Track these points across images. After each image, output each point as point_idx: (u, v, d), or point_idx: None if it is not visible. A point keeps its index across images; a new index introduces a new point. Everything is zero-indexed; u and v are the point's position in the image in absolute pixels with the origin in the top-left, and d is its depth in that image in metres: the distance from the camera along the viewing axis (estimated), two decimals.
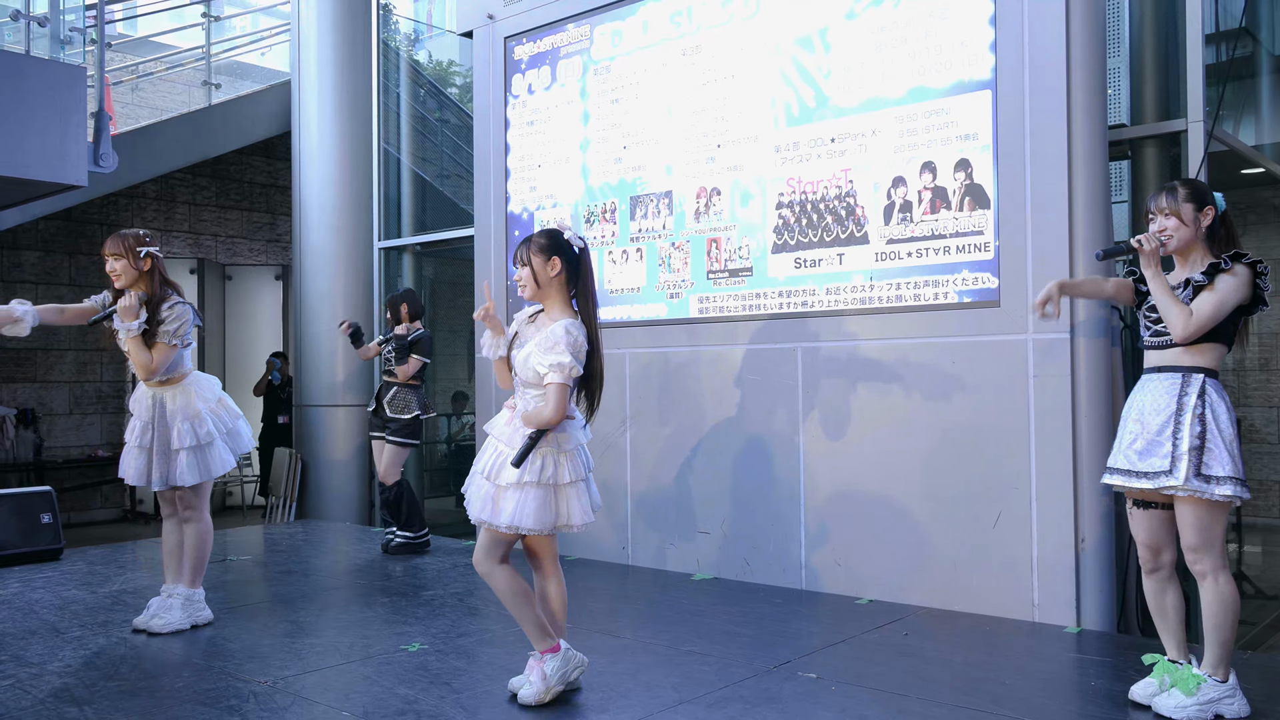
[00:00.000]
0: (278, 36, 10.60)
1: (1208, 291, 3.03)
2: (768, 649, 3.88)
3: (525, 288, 3.29)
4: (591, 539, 5.76)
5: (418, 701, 3.28)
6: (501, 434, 3.26)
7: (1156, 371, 3.13)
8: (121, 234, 4.13)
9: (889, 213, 4.75)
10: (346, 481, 8.11)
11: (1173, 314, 3.02)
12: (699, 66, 5.44)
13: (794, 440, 5.00)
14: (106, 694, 3.37)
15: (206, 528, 4.26)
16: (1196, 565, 3.04)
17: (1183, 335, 3.01)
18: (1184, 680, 3.05)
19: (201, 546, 4.25)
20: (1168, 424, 3.02)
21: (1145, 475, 3.05)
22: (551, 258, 3.26)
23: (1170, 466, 2.99)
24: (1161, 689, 3.13)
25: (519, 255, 3.30)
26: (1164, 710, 3.04)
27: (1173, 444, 3.00)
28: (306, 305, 8.22)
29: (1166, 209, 3.12)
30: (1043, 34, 4.29)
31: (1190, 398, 3.01)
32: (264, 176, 11.48)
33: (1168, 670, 3.14)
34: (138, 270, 4.09)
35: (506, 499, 3.18)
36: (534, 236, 3.32)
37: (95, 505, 10.17)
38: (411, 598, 4.81)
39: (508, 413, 3.31)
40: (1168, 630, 3.21)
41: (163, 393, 4.19)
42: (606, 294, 5.81)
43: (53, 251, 9.90)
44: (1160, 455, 3.02)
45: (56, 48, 6.15)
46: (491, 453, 3.26)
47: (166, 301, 4.12)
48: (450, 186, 8.60)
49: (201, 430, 4.13)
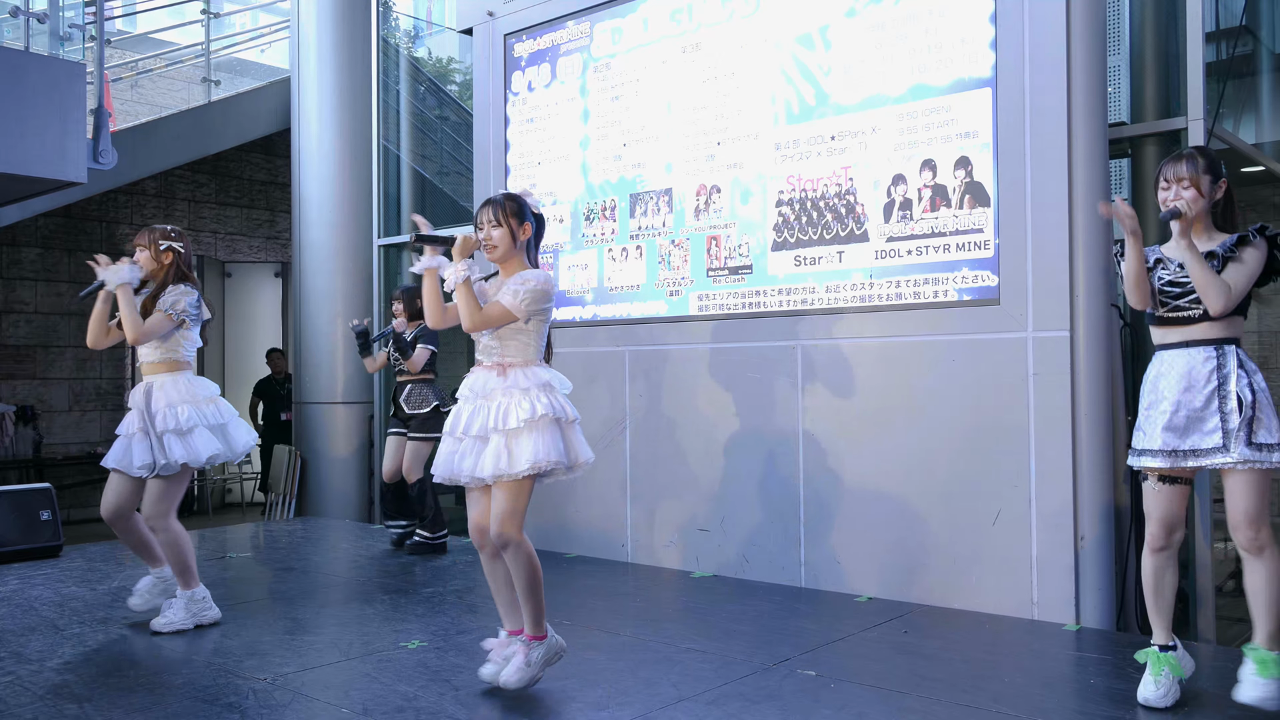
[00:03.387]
0: (277, 33, 10.60)
1: (1235, 264, 3.00)
2: (767, 646, 3.88)
3: (497, 249, 3.28)
4: (591, 537, 5.77)
5: (417, 698, 3.28)
6: (477, 390, 3.22)
7: (1184, 347, 3.05)
8: (151, 228, 4.32)
9: (889, 210, 4.74)
10: (346, 479, 8.11)
11: (1214, 286, 2.95)
12: (699, 64, 5.44)
13: (793, 437, 5.00)
14: (106, 691, 3.37)
15: (175, 534, 4.15)
16: (1256, 538, 2.96)
17: (1221, 308, 2.96)
18: (1265, 665, 2.95)
19: (178, 553, 4.15)
20: (1211, 398, 2.96)
21: (1193, 454, 2.99)
22: (524, 223, 3.31)
23: (1224, 442, 2.94)
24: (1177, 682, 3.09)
25: (490, 216, 3.28)
26: (1269, 705, 2.93)
27: (1221, 418, 2.94)
28: (306, 302, 8.22)
29: (1187, 178, 3.06)
30: (1043, 31, 4.29)
31: (1231, 370, 2.96)
32: (263, 173, 11.47)
33: (1167, 663, 3.11)
34: (159, 263, 4.24)
35: (521, 442, 3.12)
36: (504, 199, 3.31)
37: (94, 502, 10.12)
38: (411, 595, 4.81)
39: (481, 373, 3.25)
40: (1162, 609, 3.17)
41: (155, 379, 4.22)
42: (606, 291, 5.81)
43: (52, 248, 9.90)
44: (1207, 431, 2.96)
45: (56, 44, 6.14)
46: (472, 411, 3.20)
47: (173, 285, 4.21)
48: (450, 184, 8.60)
49: (182, 416, 4.13)
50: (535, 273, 3.27)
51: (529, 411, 3.13)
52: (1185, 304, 3.06)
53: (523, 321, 3.23)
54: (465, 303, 3.20)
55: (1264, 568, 2.99)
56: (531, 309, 3.21)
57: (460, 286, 3.20)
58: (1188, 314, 3.06)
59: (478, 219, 3.33)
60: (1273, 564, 2.99)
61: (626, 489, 5.66)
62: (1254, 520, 2.96)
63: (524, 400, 3.15)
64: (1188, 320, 3.06)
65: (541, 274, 3.27)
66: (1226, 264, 3.01)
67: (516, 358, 3.24)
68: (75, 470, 9.90)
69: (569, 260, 6.00)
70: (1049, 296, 4.26)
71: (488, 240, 3.28)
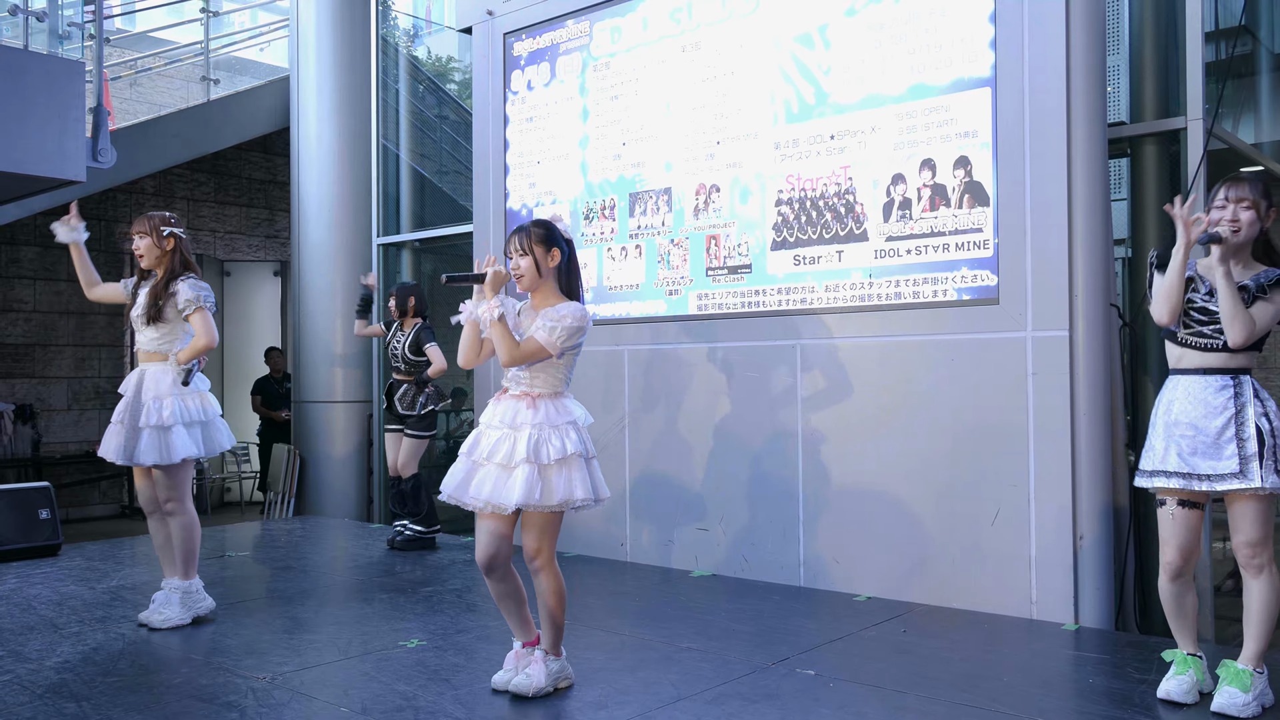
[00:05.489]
0: (277, 32, 10.59)
1: (1264, 303, 3.00)
2: (766, 646, 3.88)
3: (524, 278, 3.26)
4: (590, 536, 5.77)
5: (416, 698, 3.28)
6: (506, 419, 3.21)
7: (1201, 374, 3.07)
8: (149, 215, 4.27)
9: (888, 210, 4.74)
10: (345, 477, 8.11)
11: (1240, 320, 2.95)
12: (699, 63, 5.44)
13: (793, 437, 5.00)
14: (105, 690, 3.37)
15: (190, 519, 4.22)
16: (1256, 559, 3.03)
17: (1240, 342, 2.97)
18: (1237, 677, 3.04)
19: (188, 539, 4.21)
20: (1228, 426, 2.99)
21: (1209, 478, 3.01)
22: (552, 249, 3.27)
23: (1240, 468, 2.97)
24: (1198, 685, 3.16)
25: (518, 245, 3.25)
26: (1231, 710, 3.01)
27: (1238, 445, 2.97)
28: (305, 301, 8.21)
29: (1249, 199, 3.04)
30: (1043, 31, 4.29)
31: (1248, 400, 3.00)
32: (262, 172, 11.46)
33: (1193, 664, 3.17)
34: (161, 249, 4.21)
35: (553, 476, 3.14)
36: (530, 228, 3.29)
37: (93, 501, 10.16)
38: (410, 594, 4.81)
39: (511, 403, 3.23)
40: (1186, 628, 3.22)
41: (148, 369, 4.22)
42: (605, 290, 5.81)
43: (51, 247, 9.88)
44: (1225, 457, 2.99)
45: (55, 43, 6.13)
46: (499, 439, 3.18)
47: (179, 277, 4.20)
48: (449, 183, 8.59)
49: (165, 412, 4.12)
50: (571, 307, 3.22)
51: (560, 449, 3.15)
52: (1210, 331, 3.06)
53: (555, 357, 3.21)
54: (502, 340, 3.17)
55: (1260, 589, 3.06)
56: (566, 345, 3.19)
57: (495, 325, 3.18)
58: (1210, 341, 3.06)
59: (507, 248, 3.31)
60: (1269, 585, 3.05)
61: (626, 488, 5.66)
62: (1258, 543, 3.03)
63: (555, 436, 3.16)
64: (1209, 348, 3.07)
65: (577, 308, 3.22)
66: (1255, 300, 3.01)
67: (545, 389, 3.24)
68: (74, 469, 9.88)
69: None
70: (1048, 296, 4.26)
71: (515, 270, 3.25)
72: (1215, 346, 3.05)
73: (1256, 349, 3.08)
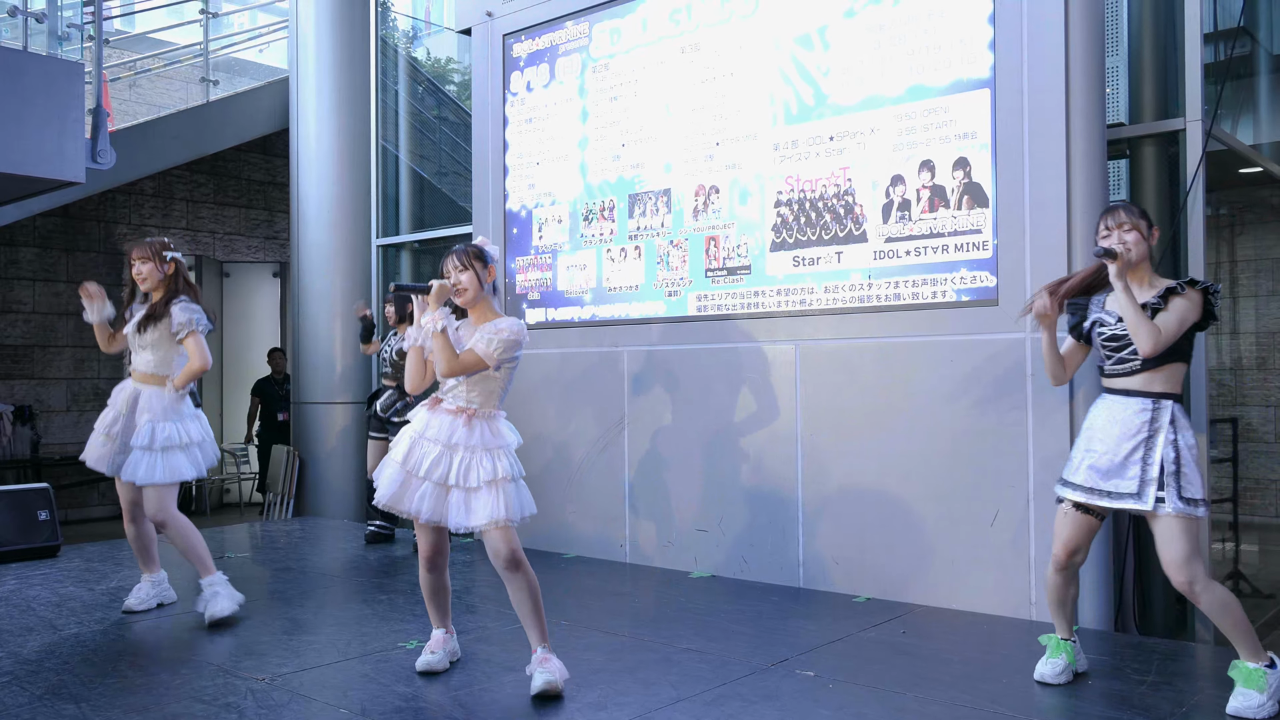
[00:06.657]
0: (276, 33, 10.59)
1: (1163, 313, 3.17)
2: (766, 647, 3.88)
3: (467, 291, 3.38)
4: (589, 537, 5.77)
5: (415, 698, 3.28)
6: (441, 436, 3.32)
7: (1123, 395, 3.23)
8: (148, 240, 4.43)
9: (887, 211, 4.75)
10: (344, 478, 8.10)
11: (1144, 329, 3.11)
12: (698, 64, 5.44)
13: (792, 438, 5.00)
14: (103, 691, 3.37)
15: (181, 524, 4.31)
16: (1179, 578, 3.09)
17: (1150, 350, 3.12)
18: (1249, 677, 3.09)
19: (188, 542, 4.31)
20: (1137, 449, 3.16)
21: (1109, 495, 3.20)
22: (489, 265, 3.44)
23: (1138, 490, 3.14)
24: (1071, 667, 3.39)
25: (456, 262, 3.39)
26: (1247, 714, 3.05)
27: (1141, 469, 3.14)
28: (304, 302, 8.21)
29: (1128, 223, 3.23)
30: (1042, 32, 4.29)
31: (1162, 426, 3.15)
32: (262, 173, 11.46)
33: (1065, 649, 3.41)
34: (162, 274, 4.37)
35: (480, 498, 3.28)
36: (468, 247, 3.44)
37: (92, 502, 10.16)
38: (409, 595, 4.81)
39: (446, 417, 3.35)
40: (1063, 616, 3.46)
41: (143, 389, 4.32)
42: (605, 291, 5.81)
43: (50, 248, 9.88)
44: (1127, 478, 3.16)
45: (54, 44, 6.13)
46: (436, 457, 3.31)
47: (175, 300, 4.31)
48: (448, 184, 8.60)
49: (160, 435, 4.23)
50: (509, 321, 3.38)
51: (490, 472, 3.30)
52: (1127, 355, 3.24)
53: (493, 369, 3.34)
54: (442, 350, 3.32)
55: (1210, 605, 3.12)
56: (503, 357, 3.33)
57: (437, 335, 3.33)
58: (1130, 365, 3.22)
59: (443, 268, 3.43)
60: (1213, 599, 3.11)
61: (625, 489, 5.66)
62: (1173, 564, 3.10)
63: (486, 460, 3.31)
64: (1129, 372, 3.23)
65: (516, 323, 3.37)
66: (1155, 314, 3.18)
67: (481, 404, 3.38)
68: (73, 470, 9.85)
69: (567, 260, 6.00)
70: None
71: (458, 285, 3.38)
72: (1133, 370, 3.22)
73: (1182, 362, 3.20)
